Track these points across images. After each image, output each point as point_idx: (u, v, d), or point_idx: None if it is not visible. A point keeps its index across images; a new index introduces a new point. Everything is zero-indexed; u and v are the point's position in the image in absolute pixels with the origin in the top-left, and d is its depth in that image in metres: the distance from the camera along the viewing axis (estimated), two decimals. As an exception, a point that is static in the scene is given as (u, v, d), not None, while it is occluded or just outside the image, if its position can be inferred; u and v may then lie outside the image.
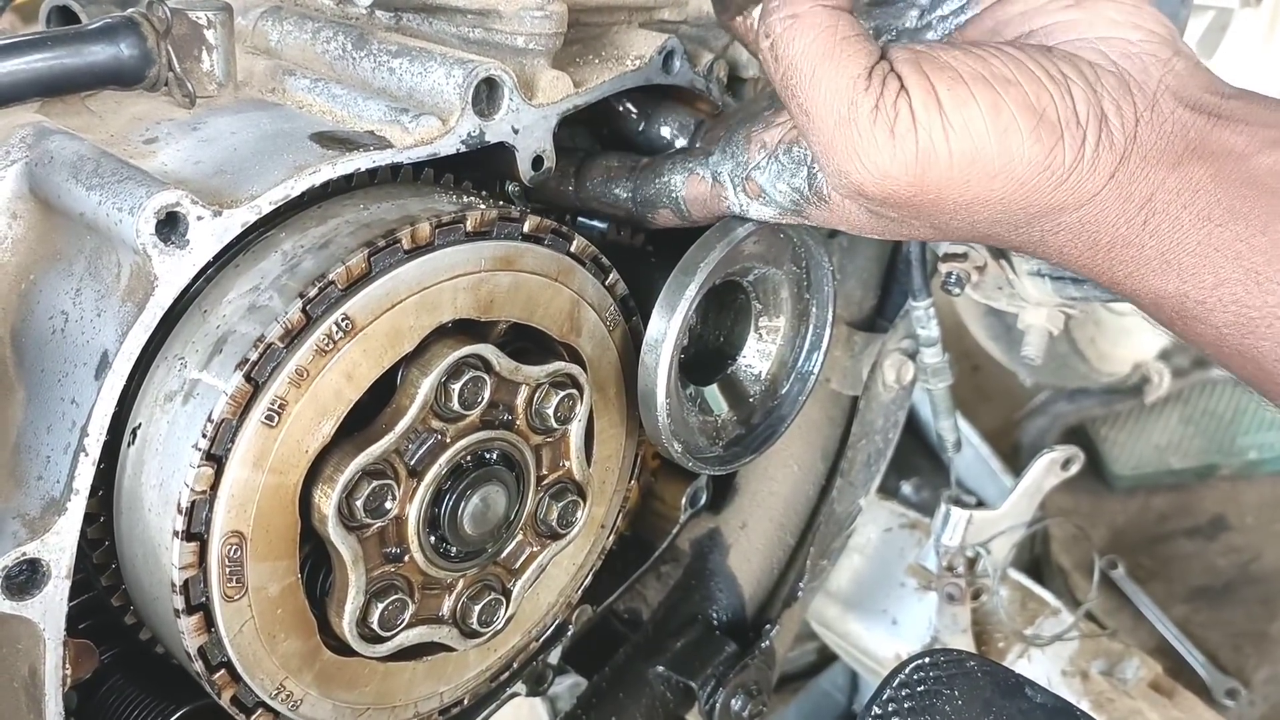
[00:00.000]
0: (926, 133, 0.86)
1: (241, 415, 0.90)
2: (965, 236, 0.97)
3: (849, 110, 0.88)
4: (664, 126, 1.22)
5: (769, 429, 1.28)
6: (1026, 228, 0.92)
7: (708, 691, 1.49)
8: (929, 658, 1.10)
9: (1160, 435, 2.99)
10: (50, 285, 0.96)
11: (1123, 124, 0.87)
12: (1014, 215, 0.90)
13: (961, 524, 1.71)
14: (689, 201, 1.12)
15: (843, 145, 0.89)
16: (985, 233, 0.94)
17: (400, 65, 1.08)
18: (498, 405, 1.07)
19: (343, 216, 0.98)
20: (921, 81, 0.87)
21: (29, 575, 0.88)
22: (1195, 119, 0.88)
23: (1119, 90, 0.88)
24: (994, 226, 0.93)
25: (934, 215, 0.92)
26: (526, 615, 1.23)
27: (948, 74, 0.87)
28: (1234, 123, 0.87)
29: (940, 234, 0.98)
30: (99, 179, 0.91)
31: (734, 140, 1.07)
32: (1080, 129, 0.86)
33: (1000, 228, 0.93)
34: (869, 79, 0.88)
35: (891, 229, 0.99)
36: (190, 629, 0.94)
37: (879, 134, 0.87)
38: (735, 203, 1.09)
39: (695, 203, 1.12)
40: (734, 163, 1.07)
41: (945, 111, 0.86)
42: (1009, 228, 0.92)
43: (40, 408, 0.94)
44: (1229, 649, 2.56)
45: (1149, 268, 0.88)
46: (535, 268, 1.07)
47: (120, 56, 1.01)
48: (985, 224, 0.92)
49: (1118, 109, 0.87)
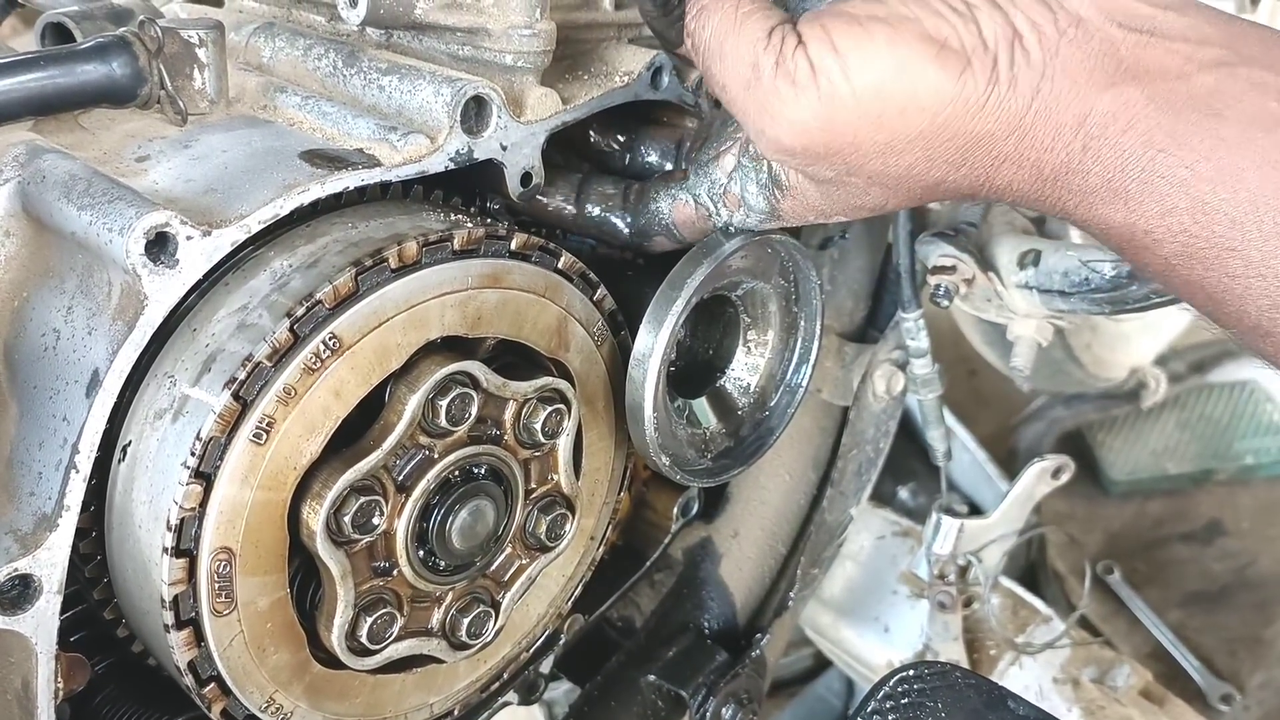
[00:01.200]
0: (825, 76, 0.87)
1: (230, 433, 0.91)
2: (914, 188, 0.95)
3: (753, 72, 0.90)
4: (649, 155, 1.24)
5: (758, 441, 1.29)
6: (967, 165, 0.90)
7: (699, 700, 1.50)
8: (913, 670, 1.11)
9: (1156, 440, 2.99)
10: (42, 303, 0.97)
11: (1040, 40, 0.85)
12: (943, 150, 0.89)
13: (953, 532, 1.71)
14: (679, 226, 1.15)
15: (755, 106, 0.91)
16: (926, 178, 0.92)
17: (390, 83, 1.09)
18: (485, 421, 1.08)
19: (331, 235, 0.99)
20: (816, 31, 0.88)
21: (21, 590, 0.89)
22: (1126, 36, 0.85)
23: (1037, 8, 0.86)
24: (932, 168, 0.91)
25: (863, 163, 0.91)
26: (516, 626, 1.24)
27: (842, 20, 0.88)
28: (1170, 40, 0.85)
29: (889, 190, 0.96)
30: (90, 198, 0.92)
31: (704, 160, 1.10)
32: (989, 53, 0.85)
33: (939, 169, 0.91)
34: (768, 39, 0.90)
35: (842, 197, 0.99)
36: (180, 643, 0.95)
37: (781, 86, 0.89)
38: (721, 219, 1.11)
39: (685, 226, 1.15)
40: (709, 181, 1.10)
41: (841, 54, 0.87)
42: (949, 167, 0.91)
43: (32, 424, 0.95)
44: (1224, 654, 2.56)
45: (1096, 196, 0.87)
46: (523, 284, 1.08)
47: (113, 75, 1.02)
48: (922, 167, 0.91)
49: (1033, 26, 0.85)
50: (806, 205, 1.03)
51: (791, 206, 1.04)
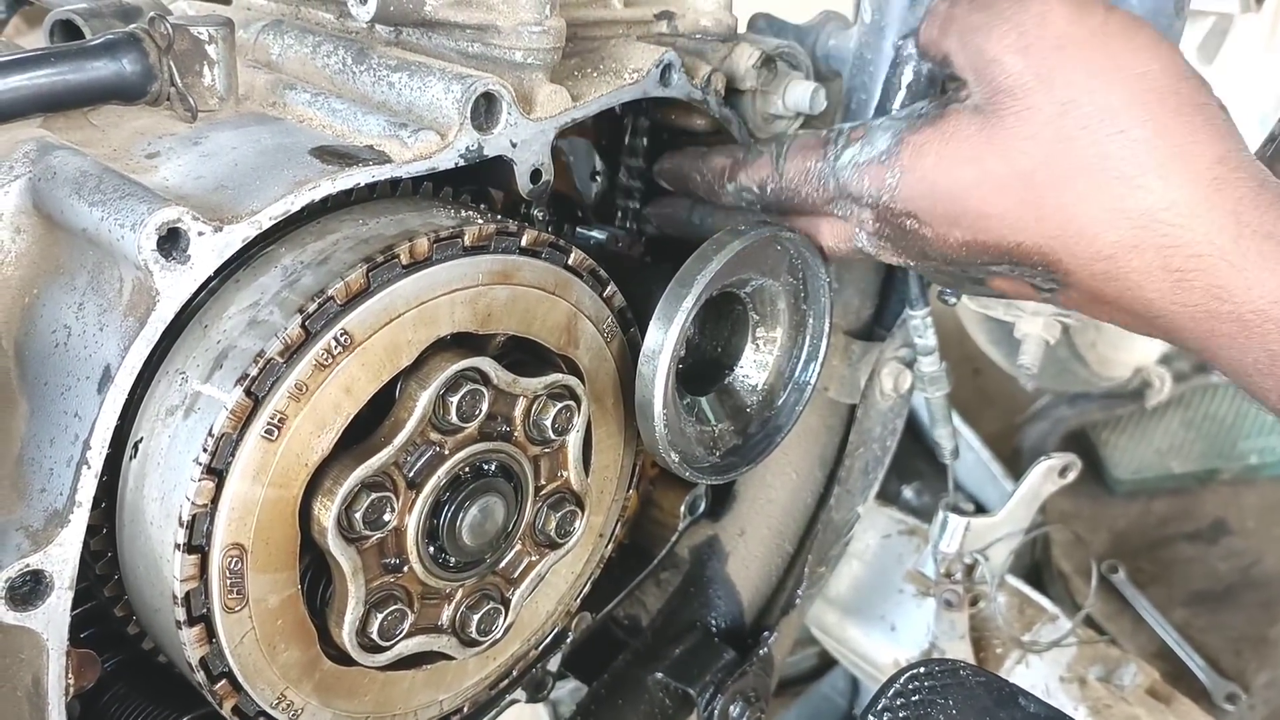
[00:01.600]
0: None
1: (242, 429, 0.91)
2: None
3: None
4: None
5: (766, 439, 1.29)
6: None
7: (706, 698, 1.50)
8: (924, 667, 1.11)
9: (1161, 439, 2.99)
10: (53, 299, 0.97)
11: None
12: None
13: (959, 531, 1.71)
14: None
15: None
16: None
17: (399, 80, 1.09)
18: (496, 417, 1.08)
19: (341, 232, 0.99)
20: None
21: (32, 586, 0.89)
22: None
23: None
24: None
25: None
26: (525, 624, 1.24)
27: None
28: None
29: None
30: (101, 195, 0.92)
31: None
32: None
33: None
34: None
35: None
36: (192, 640, 0.95)
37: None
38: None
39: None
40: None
41: None
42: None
43: (43, 420, 0.95)
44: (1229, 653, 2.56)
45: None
46: (533, 281, 1.08)
47: (123, 72, 1.02)
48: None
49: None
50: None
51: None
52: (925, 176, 1.08)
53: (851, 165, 1.14)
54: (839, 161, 1.15)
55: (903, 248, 1.15)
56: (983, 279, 1.15)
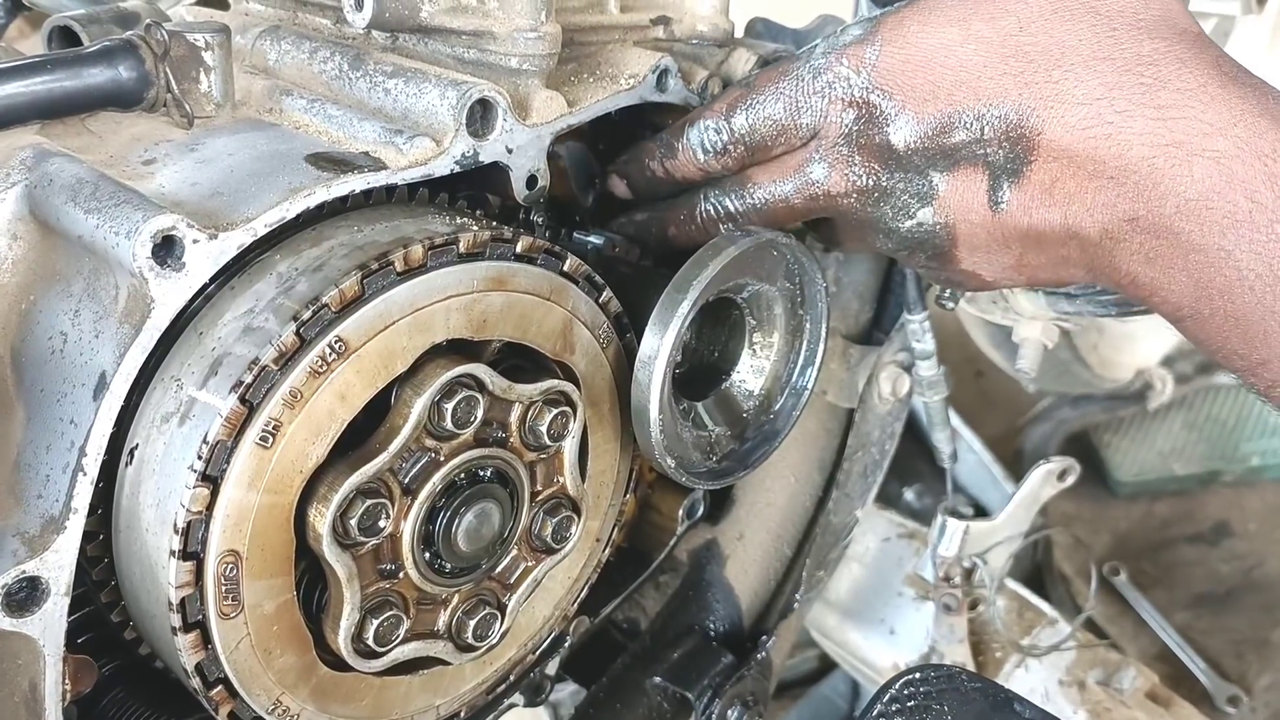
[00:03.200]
0: None
1: (236, 436, 0.91)
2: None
3: None
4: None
5: (763, 444, 1.29)
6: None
7: (704, 702, 1.50)
8: (919, 673, 1.11)
9: (1163, 441, 2.99)
10: (49, 306, 0.98)
11: None
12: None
13: (958, 535, 1.71)
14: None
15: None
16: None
17: (395, 86, 1.09)
18: (491, 423, 1.08)
19: (337, 238, 1.00)
20: None
21: (29, 593, 0.89)
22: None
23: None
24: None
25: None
26: (522, 628, 1.24)
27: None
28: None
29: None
30: (96, 202, 0.92)
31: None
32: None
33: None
34: None
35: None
36: (187, 646, 0.95)
37: None
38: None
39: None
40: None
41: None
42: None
43: (40, 427, 0.95)
44: (1231, 656, 2.56)
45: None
46: (528, 287, 1.08)
47: (119, 79, 1.03)
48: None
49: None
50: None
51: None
52: (907, 43, 1.06)
53: (828, 52, 1.11)
54: (814, 54, 1.12)
55: (865, 151, 1.10)
56: (929, 198, 1.10)
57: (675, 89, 1.23)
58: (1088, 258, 1.03)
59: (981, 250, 1.10)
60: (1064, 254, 1.05)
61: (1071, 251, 1.04)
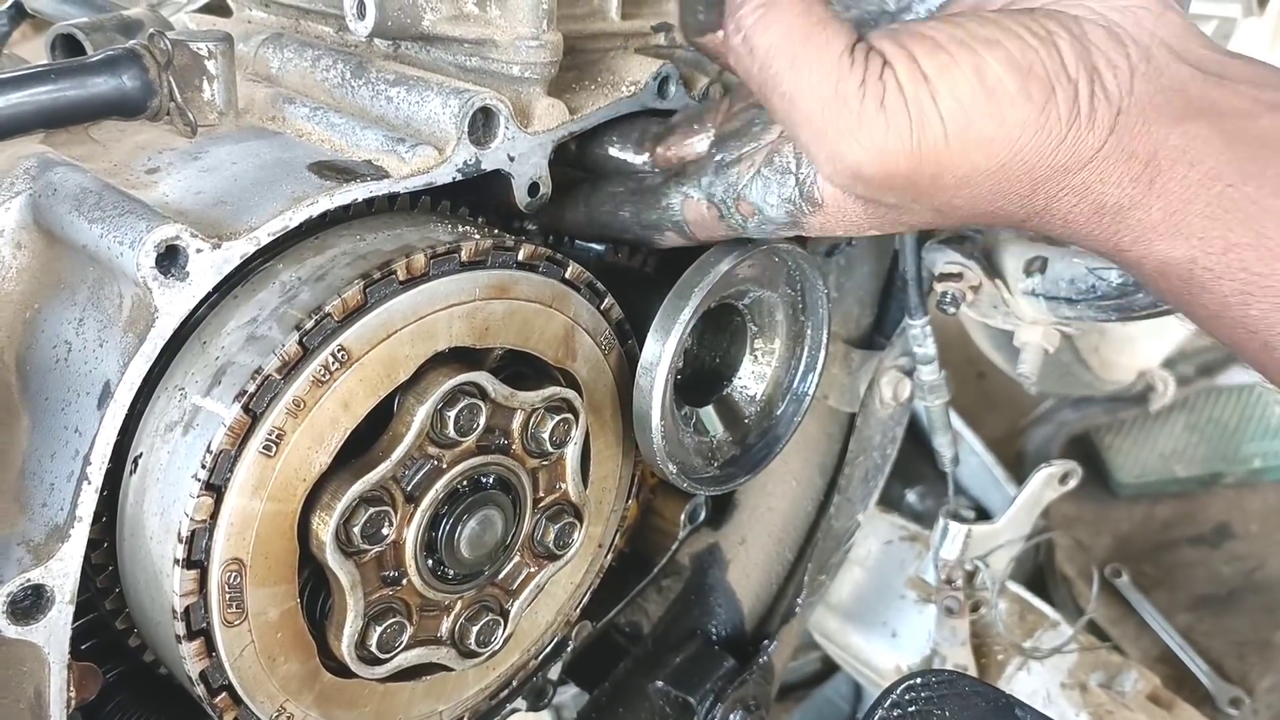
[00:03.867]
0: (916, 103, 0.84)
1: (240, 445, 0.92)
2: (967, 216, 0.93)
3: (835, 89, 0.85)
4: (611, 146, 1.21)
5: (764, 449, 1.29)
6: (1030, 197, 0.88)
7: (706, 706, 1.50)
8: (920, 678, 1.11)
9: (1165, 443, 2.99)
10: (54, 314, 0.98)
11: (1116, 77, 0.84)
12: (1016, 183, 0.87)
13: (960, 537, 1.71)
14: (691, 224, 1.11)
15: (834, 126, 0.86)
16: (989, 209, 0.90)
17: (398, 94, 1.09)
18: (493, 430, 1.09)
19: (339, 247, 1.00)
20: (901, 52, 0.85)
21: (34, 600, 0.90)
22: (1193, 75, 0.85)
23: (1109, 43, 0.85)
24: (997, 200, 0.89)
25: (935, 193, 0.89)
26: (525, 634, 1.25)
27: (926, 44, 0.85)
28: (1234, 82, 0.85)
29: (942, 216, 0.93)
30: (101, 212, 0.93)
31: (724, 161, 1.06)
32: (1071, 83, 0.84)
33: (1004, 200, 0.89)
34: (851, 56, 0.86)
35: (890, 219, 0.96)
36: (192, 654, 0.95)
37: (869, 108, 0.84)
38: (735, 222, 1.07)
39: (697, 225, 1.11)
40: (725, 184, 1.06)
41: (930, 79, 0.84)
42: (1013, 199, 0.89)
43: (44, 435, 0.95)
44: (1233, 657, 2.56)
45: (1156, 232, 0.86)
46: (530, 295, 1.08)
47: (123, 88, 1.03)
48: (988, 198, 0.89)
49: (1109, 61, 0.85)
50: (841, 222, 0.99)
51: (821, 222, 1.01)
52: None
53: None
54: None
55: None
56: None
57: (677, 96, 1.23)
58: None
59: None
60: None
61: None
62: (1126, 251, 0.89)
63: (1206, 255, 0.84)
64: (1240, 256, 0.82)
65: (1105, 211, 0.87)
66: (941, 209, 0.92)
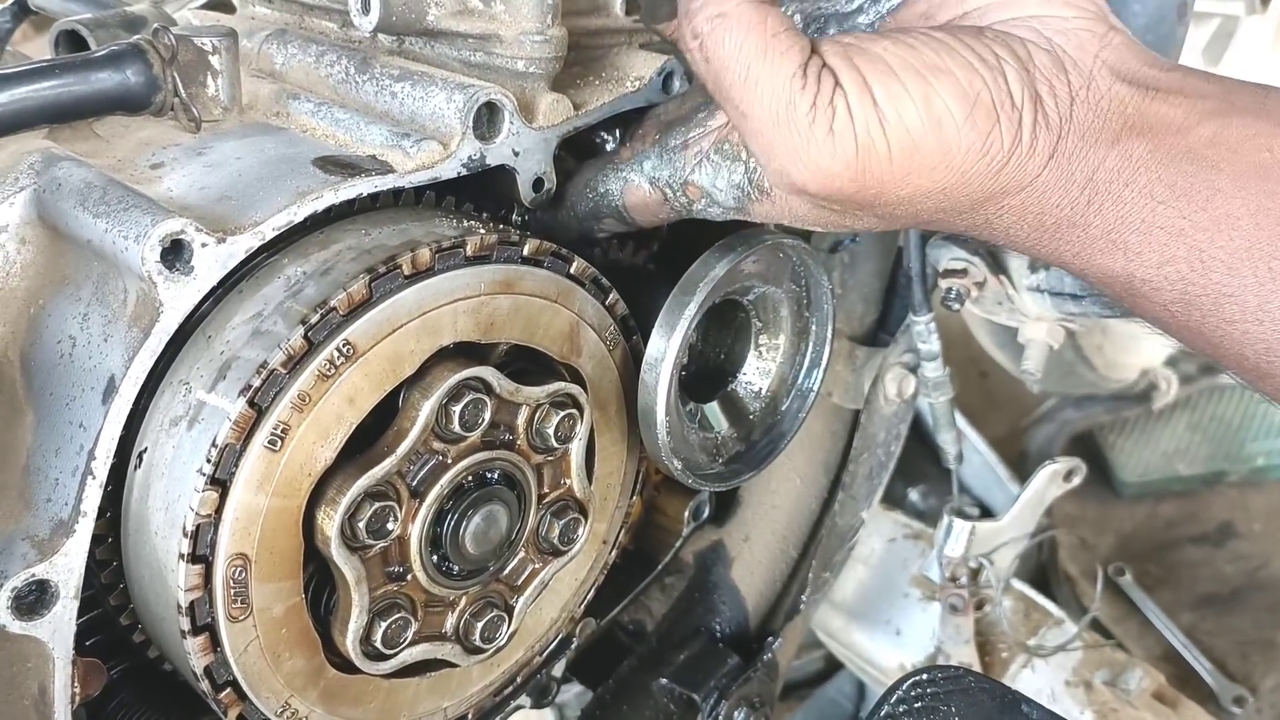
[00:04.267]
0: (865, 129, 0.86)
1: (245, 440, 0.92)
2: (909, 225, 0.97)
3: (787, 111, 0.87)
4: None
5: (769, 446, 1.29)
6: (970, 213, 0.91)
7: (711, 704, 1.50)
8: (926, 674, 1.11)
9: (1168, 442, 2.98)
10: (58, 310, 0.98)
11: (1057, 103, 0.86)
12: (957, 203, 0.90)
13: (964, 535, 1.71)
14: (631, 209, 1.12)
15: (783, 146, 0.88)
16: (929, 220, 0.94)
17: (402, 89, 1.09)
18: (498, 426, 1.08)
19: (344, 242, 1.00)
20: (855, 77, 0.86)
21: (38, 596, 0.90)
22: (1132, 93, 0.87)
23: (1053, 69, 0.87)
24: (937, 214, 0.92)
25: (877, 208, 0.92)
26: (529, 630, 1.25)
27: (879, 67, 0.86)
28: (1171, 95, 0.87)
29: (885, 224, 0.97)
30: (105, 206, 0.93)
31: (669, 145, 1.07)
32: (1015, 111, 0.86)
33: (944, 215, 0.92)
34: (804, 76, 0.87)
35: (835, 220, 0.99)
36: (196, 649, 0.95)
37: (818, 132, 0.86)
38: (679, 204, 1.08)
39: (638, 209, 1.12)
40: (671, 168, 1.07)
41: (880, 106, 0.85)
42: (953, 214, 0.92)
43: (49, 430, 0.95)
44: (1236, 656, 2.56)
45: (1095, 247, 0.88)
46: (535, 290, 1.08)
47: (127, 83, 1.03)
48: (929, 213, 0.92)
49: (1051, 88, 0.87)
50: (786, 214, 1.02)
51: (766, 211, 1.03)
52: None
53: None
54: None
55: None
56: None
57: (681, 91, 1.22)
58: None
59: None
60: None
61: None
62: (1068, 264, 0.92)
63: (1144, 269, 0.87)
64: (1176, 269, 0.85)
65: (1045, 229, 0.90)
66: (884, 218, 0.95)
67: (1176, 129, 0.85)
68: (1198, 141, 0.84)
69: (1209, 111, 0.85)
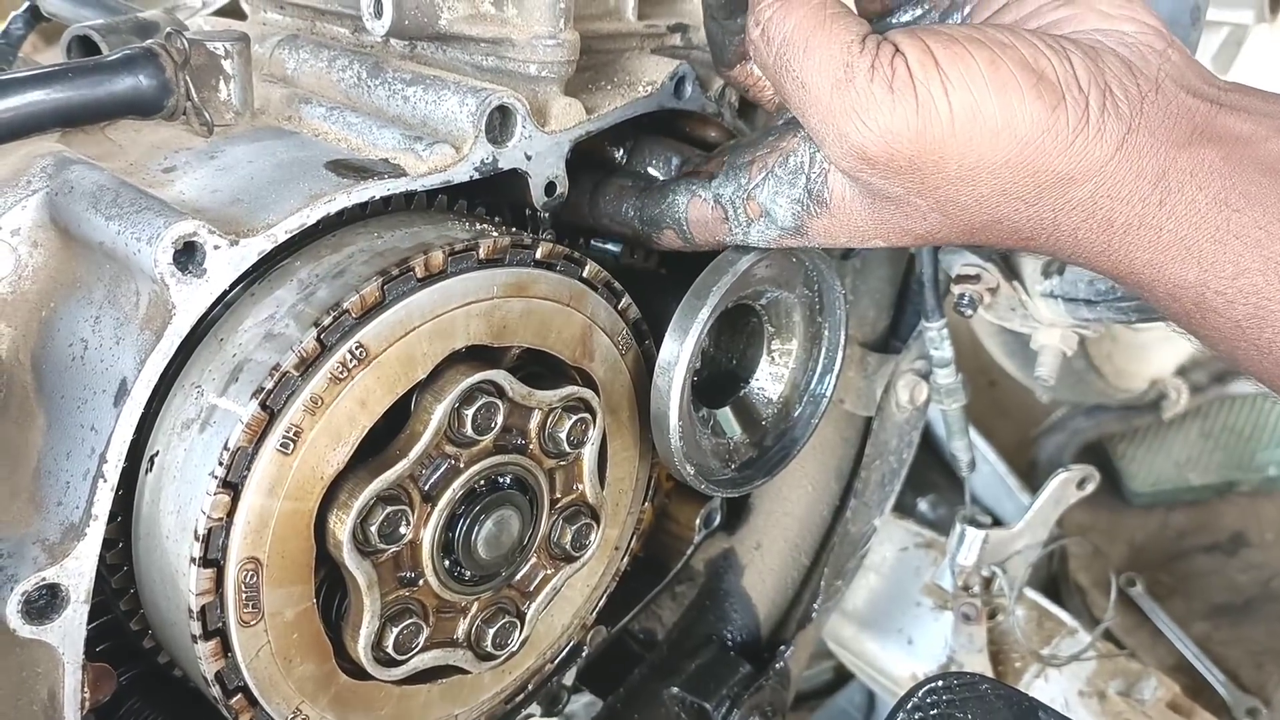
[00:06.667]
0: (925, 87, 0.85)
1: (257, 443, 0.91)
2: (973, 220, 0.93)
3: (846, 71, 0.88)
4: (649, 166, 1.23)
5: (782, 451, 1.29)
6: (1036, 203, 0.89)
7: (722, 713, 1.49)
8: (942, 681, 1.10)
9: (1179, 451, 2.97)
10: (70, 312, 0.98)
11: (1127, 97, 0.86)
12: (1021, 184, 0.88)
13: (977, 543, 1.70)
14: (692, 224, 1.12)
15: (841, 107, 0.88)
16: (993, 212, 0.91)
17: (414, 93, 1.09)
18: (511, 430, 1.08)
19: (357, 244, 1.00)
20: (916, 43, 0.87)
21: (48, 600, 0.89)
22: (1199, 104, 0.87)
23: (1121, 69, 0.87)
24: (1002, 202, 0.90)
25: (938, 185, 0.90)
26: (541, 637, 1.24)
27: (941, 36, 0.87)
28: (1237, 111, 0.87)
29: (948, 220, 0.94)
30: (118, 209, 0.92)
31: (737, 164, 1.07)
32: (1083, 94, 0.85)
33: (1008, 203, 0.90)
34: (863, 43, 0.88)
35: (894, 223, 0.97)
36: (207, 654, 0.95)
37: (877, 90, 0.86)
38: (737, 225, 1.08)
39: (698, 225, 1.12)
40: (735, 185, 1.07)
41: (942, 67, 0.85)
42: (1019, 203, 0.90)
43: (60, 434, 0.95)
44: (1250, 667, 2.54)
45: (1168, 255, 0.87)
46: (548, 294, 1.08)
47: (139, 87, 1.03)
48: (993, 199, 0.90)
49: (1121, 83, 0.86)
50: (846, 226, 1.00)
51: (825, 226, 1.01)
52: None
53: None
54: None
55: None
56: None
57: (693, 96, 1.22)
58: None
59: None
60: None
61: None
62: (1139, 274, 0.90)
63: (1218, 280, 0.85)
64: (1251, 281, 0.84)
65: (1115, 229, 0.88)
66: (945, 206, 0.92)
67: (1246, 141, 0.85)
68: (1269, 155, 0.84)
69: (1277, 128, 0.85)
